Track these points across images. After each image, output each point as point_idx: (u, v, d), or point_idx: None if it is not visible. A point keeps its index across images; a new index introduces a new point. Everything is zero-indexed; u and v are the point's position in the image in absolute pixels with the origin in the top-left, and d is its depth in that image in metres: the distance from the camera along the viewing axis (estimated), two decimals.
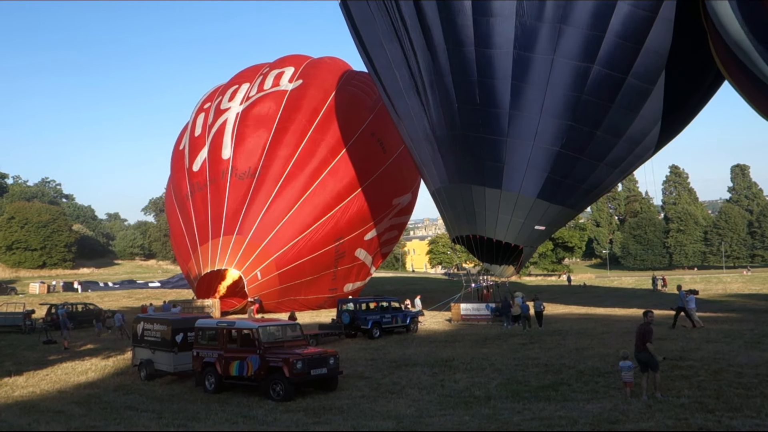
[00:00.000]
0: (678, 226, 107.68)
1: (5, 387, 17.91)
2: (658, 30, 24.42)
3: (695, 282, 60.34)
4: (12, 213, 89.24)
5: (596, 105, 25.93)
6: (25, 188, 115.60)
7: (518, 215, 28.31)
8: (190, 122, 44.65)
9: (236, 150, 39.66)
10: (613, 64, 25.07)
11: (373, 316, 27.02)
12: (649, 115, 26.83)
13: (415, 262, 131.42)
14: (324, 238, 39.38)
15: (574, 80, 25.43)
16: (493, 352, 20.76)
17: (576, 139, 26.64)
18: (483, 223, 28.97)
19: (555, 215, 29.44)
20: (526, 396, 13.94)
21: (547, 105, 25.94)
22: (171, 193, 44.13)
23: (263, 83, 42.38)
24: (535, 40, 25.10)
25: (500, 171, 27.51)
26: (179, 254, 42.54)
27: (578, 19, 24.56)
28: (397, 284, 67.32)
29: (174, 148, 45.97)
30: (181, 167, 42.80)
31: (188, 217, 40.28)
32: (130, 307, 43.89)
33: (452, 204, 30.15)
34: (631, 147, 27.68)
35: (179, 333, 18.04)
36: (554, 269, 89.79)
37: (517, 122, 26.52)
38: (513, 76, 25.71)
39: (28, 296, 55.87)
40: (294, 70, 42.92)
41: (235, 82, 44.63)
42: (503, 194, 27.82)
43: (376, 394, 14.97)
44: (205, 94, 46.68)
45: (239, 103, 41.85)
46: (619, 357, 13.95)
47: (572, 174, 27.71)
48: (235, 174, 39.03)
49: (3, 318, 33.84)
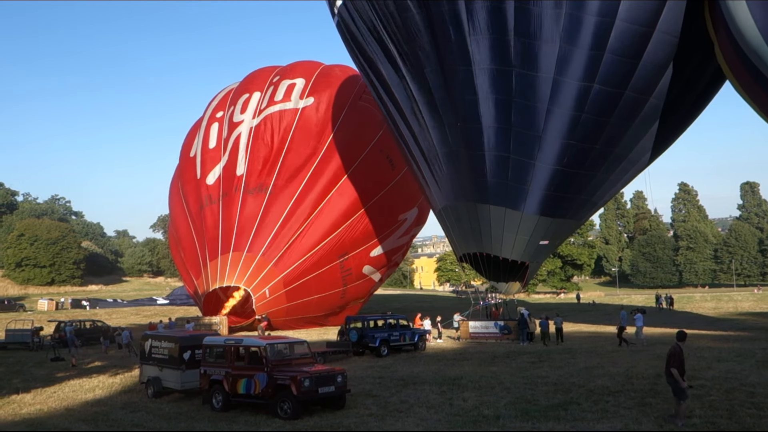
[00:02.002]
0: (687, 244, 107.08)
1: (13, 404, 17.89)
2: (656, 43, 24.50)
3: (705, 300, 59.93)
4: (22, 230, 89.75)
5: (595, 122, 26.04)
6: (34, 205, 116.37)
7: (523, 233, 28.35)
8: (202, 130, 44.02)
9: (249, 166, 39.69)
10: (612, 80, 25.16)
11: (381, 333, 26.91)
12: (645, 124, 26.96)
13: (423, 280, 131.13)
14: (328, 255, 39.44)
15: (576, 100, 25.51)
16: (501, 370, 20.62)
17: (576, 156, 26.76)
18: (489, 240, 28.97)
19: (558, 229, 29.60)
20: (535, 415, 13.81)
21: (549, 125, 26.01)
22: (180, 202, 43.52)
23: (274, 94, 41.87)
24: (536, 60, 25.17)
25: (504, 190, 27.59)
26: (185, 266, 42.12)
27: (581, 39, 24.61)
28: (405, 302, 67.12)
29: (182, 153, 45.41)
30: (192, 177, 42.44)
31: (199, 229, 40.14)
32: (138, 324, 43.91)
33: (458, 222, 30.17)
34: (626, 155, 27.82)
35: (187, 350, 17.99)
36: (563, 287, 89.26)
37: (520, 141, 26.59)
38: (515, 94, 25.77)
39: (37, 313, 55.99)
40: (305, 83, 42.36)
41: (246, 88, 43.95)
42: (507, 212, 27.90)
43: (384, 413, 14.86)
44: (217, 97, 46.02)
45: (252, 117, 41.45)
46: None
47: (572, 188, 27.81)
48: (247, 190, 39.10)
49: (11, 335, 33.96)
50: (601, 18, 24.18)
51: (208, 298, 38.24)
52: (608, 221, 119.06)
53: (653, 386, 16.29)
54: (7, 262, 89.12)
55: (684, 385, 11.90)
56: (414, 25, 26.70)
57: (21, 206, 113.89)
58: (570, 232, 33.54)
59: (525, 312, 31.19)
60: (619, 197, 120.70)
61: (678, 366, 11.83)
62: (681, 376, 11.83)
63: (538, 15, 24.46)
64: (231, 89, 45.74)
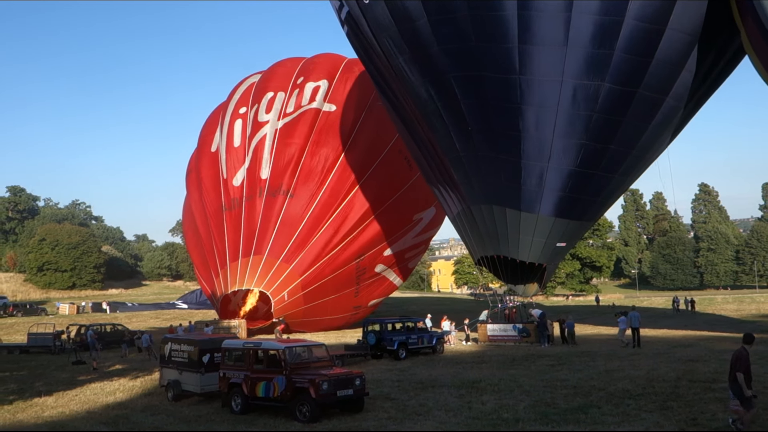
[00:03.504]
0: (708, 245, 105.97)
1: (35, 407, 18.10)
2: (668, 40, 24.29)
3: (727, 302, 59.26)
4: (43, 235, 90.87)
5: (608, 121, 25.86)
6: (55, 210, 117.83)
7: (539, 235, 28.23)
8: (225, 126, 43.51)
9: (273, 170, 39.68)
10: (623, 79, 24.97)
11: (399, 336, 26.88)
12: (663, 125, 26.76)
13: (440, 283, 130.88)
14: (347, 257, 39.55)
15: (585, 99, 25.35)
16: (520, 373, 20.50)
17: (590, 156, 26.57)
18: (506, 243, 28.88)
19: (574, 230, 29.47)
20: (554, 419, 13.71)
21: (560, 126, 25.86)
22: (199, 197, 43.03)
23: (300, 98, 41.70)
24: (541, 63, 25.06)
25: (518, 193, 27.49)
26: (203, 266, 42.02)
27: (583, 38, 24.46)
28: (423, 304, 67.00)
29: (201, 143, 44.90)
30: (215, 174, 42.17)
31: (220, 230, 40.05)
32: (158, 327, 44.24)
33: (474, 226, 30.13)
34: (642, 154, 27.65)
35: (206, 354, 18.10)
36: (582, 289, 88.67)
37: (532, 145, 26.49)
38: (522, 100, 25.70)
39: (58, 317, 56.65)
40: (328, 86, 42.22)
41: (269, 85, 43.45)
42: (522, 215, 27.79)
43: (403, 416, 14.84)
44: (239, 89, 45.36)
45: (277, 118, 41.27)
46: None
47: (588, 190, 27.67)
48: (270, 193, 39.20)
49: (34, 339, 34.39)
50: (609, 17, 24.02)
51: (225, 300, 38.38)
52: (627, 223, 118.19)
53: (675, 389, 16.13)
54: (29, 266, 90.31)
55: (748, 394, 10.86)
56: (422, 34, 26.51)
57: (42, 211, 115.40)
58: (584, 232, 33.44)
59: (538, 312, 31.14)
60: (639, 198, 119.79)
61: (744, 371, 10.82)
62: (747, 383, 10.86)
63: (538, 19, 24.37)
64: (253, 83, 45.12)
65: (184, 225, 47.89)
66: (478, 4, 24.79)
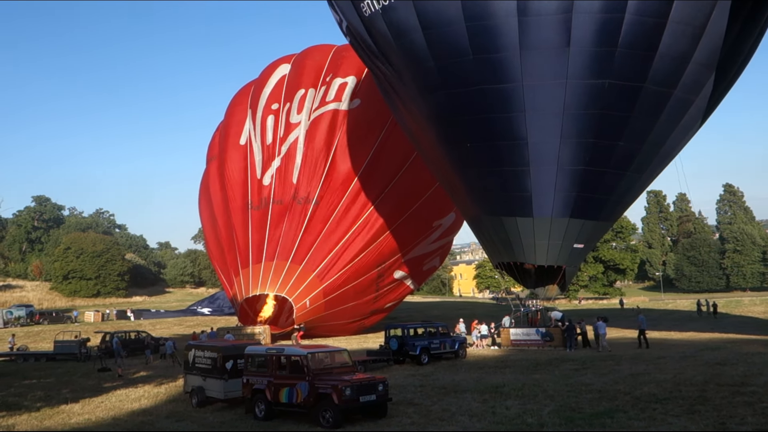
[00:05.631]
0: (734, 247, 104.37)
1: (62, 414, 18.31)
2: (671, 34, 24.02)
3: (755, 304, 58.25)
4: (68, 243, 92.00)
5: (615, 117, 25.61)
6: (80, 219, 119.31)
7: (555, 238, 28.05)
8: (258, 120, 42.60)
9: (301, 176, 39.60)
10: (626, 75, 24.72)
11: (422, 341, 26.80)
12: (672, 120, 26.45)
13: (462, 287, 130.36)
14: (368, 264, 39.56)
15: (591, 98, 25.13)
16: (544, 378, 20.32)
17: (599, 154, 26.35)
18: (521, 250, 28.72)
19: (590, 231, 29.18)
20: (580, 423, 13.56)
21: (566, 128, 25.66)
22: (221, 188, 42.33)
23: (326, 93, 41.40)
24: (542, 67, 24.87)
25: (528, 200, 27.33)
26: (221, 260, 41.62)
27: (583, 38, 24.23)
28: (445, 309, 66.80)
29: (226, 132, 43.87)
30: (243, 168, 41.63)
31: (244, 230, 39.84)
32: (182, 334, 44.54)
33: (487, 234, 30.08)
34: (653, 150, 27.29)
35: (229, 360, 18.18)
36: (605, 293, 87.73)
37: (538, 150, 26.30)
38: (526, 107, 25.53)
39: (83, 324, 57.29)
40: (356, 82, 41.86)
41: (301, 81, 42.78)
42: (536, 221, 27.63)
43: (426, 421, 14.77)
44: (270, 80, 44.28)
45: (307, 118, 40.93)
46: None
47: (599, 188, 27.43)
48: (298, 199, 39.16)
49: (60, 346, 34.82)
50: (609, 15, 23.82)
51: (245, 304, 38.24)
52: (651, 224, 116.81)
53: (702, 393, 15.88)
54: (55, 274, 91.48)
55: None
56: (419, 48, 26.41)
57: (67, 220, 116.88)
58: (602, 234, 33.13)
59: (558, 315, 30.99)
60: (662, 200, 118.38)
61: None
62: None
63: (537, 23, 24.20)
64: (284, 75, 44.09)
65: (201, 204, 46.38)
66: (474, 14, 24.58)
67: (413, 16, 25.56)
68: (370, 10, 26.78)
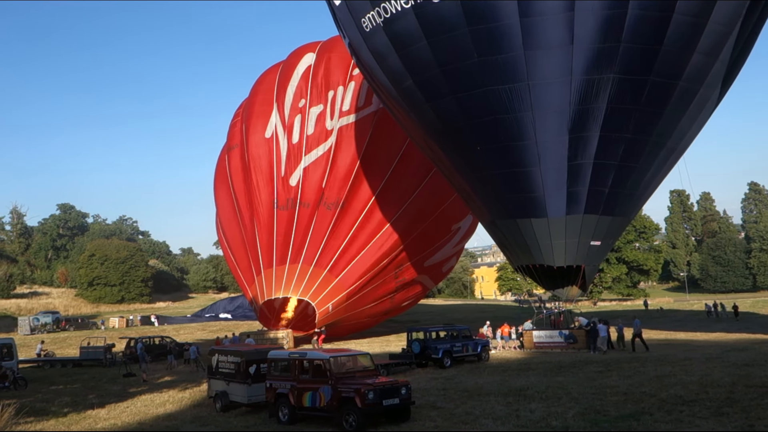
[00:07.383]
0: (761, 246, 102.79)
1: (89, 419, 18.53)
2: (675, 27, 23.84)
3: None
4: (92, 250, 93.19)
5: (621, 110, 25.45)
6: (104, 226, 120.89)
7: (571, 236, 27.86)
8: (286, 117, 41.47)
9: (329, 181, 39.24)
10: (631, 68, 24.59)
11: (444, 344, 26.73)
12: (678, 110, 26.24)
13: (484, 290, 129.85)
14: (389, 269, 39.69)
15: (595, 93, 25.01)
16: (569, 380, 20.16)
17: (607, 147, 26.18)
18: (539, 252, 28.56)
19: (607, 227, 28.89)
20: (605, 426, 13.44)
21: (573, 123, 25.54)
22: (243, 179, 41.64)
23: (356, 96, 40.42)
24: (547, 66, 24.75)
25: (541, 200, 27.19)
26: (246, 260, 41.12)
27: (586, 35, 24.12)
28: (467, 312, 66.58)
29: (250, 121, 42.57)
30: (269, 163, 40.75)
31: (269, 229, 39.50)
32: (205, 339, 44.87)
33: (504, 238, 29.98)
34: (662, 141, 27.09)
35: (252, 365, 18.28)
36: (629, 294, 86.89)
37: (546, 148, 26.17)
38: (533, 106, 25.41)
39: (109, 330, 57.97)
40: None
41: (329, 79, 41.61)
42: (551, 221, 27.49)
43: (450, 425, 14.73)
44: (296, 72, 42.74)
45: (337, 117, 40.10)
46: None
47: (611, 181, 27.23)
48: (325, 203, 39.10)
49: (85, 352, 35.26)
50: (612, 11, 23.68)
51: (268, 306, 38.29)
52: (674, 224, 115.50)
53: (729, 395, 15.66)
54: (80, 281, 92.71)
55: None
56: (423, 57, 26.39)
57: (91, 227, 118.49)
58: (620, 231, 32.79)
59: (585, 321, 30.79)
60: (685, 199, 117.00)
61: None
62: None
63: (542, 23, 24.12)
64: (309, 65, 42.63)
65: (219, 193, 45.24)
66: (477, 18, 24.47)
67: (415, 25, 25.66)
68: (372, 24, 26.96)
